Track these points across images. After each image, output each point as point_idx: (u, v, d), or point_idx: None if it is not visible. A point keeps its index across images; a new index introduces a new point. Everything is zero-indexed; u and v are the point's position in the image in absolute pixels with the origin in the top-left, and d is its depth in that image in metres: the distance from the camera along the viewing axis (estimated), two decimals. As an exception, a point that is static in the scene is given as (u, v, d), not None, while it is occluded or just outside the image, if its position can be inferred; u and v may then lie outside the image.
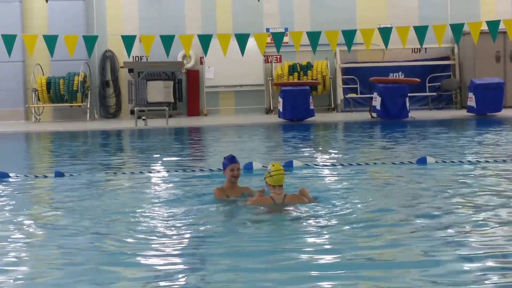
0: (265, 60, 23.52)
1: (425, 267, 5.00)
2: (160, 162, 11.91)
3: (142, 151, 14.16)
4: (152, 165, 11.54)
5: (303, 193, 7.36)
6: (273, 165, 7.14)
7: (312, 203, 7.20)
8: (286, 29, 22.52)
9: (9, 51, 12.59)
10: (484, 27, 13.07)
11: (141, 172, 10.36)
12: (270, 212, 6.94)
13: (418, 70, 23.11)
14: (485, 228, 6.16)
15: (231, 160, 7.64)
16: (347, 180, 9.21)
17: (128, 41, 12.98)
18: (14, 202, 8.17)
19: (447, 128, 17.12)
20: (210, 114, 23.54)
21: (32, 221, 7.04)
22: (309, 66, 23.18)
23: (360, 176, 9.58)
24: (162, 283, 4.87)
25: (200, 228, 6.51)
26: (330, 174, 9.87)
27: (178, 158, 12.59)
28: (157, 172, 10.56)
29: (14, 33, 14.30)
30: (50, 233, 6.51)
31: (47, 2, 9.60)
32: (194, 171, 10.36)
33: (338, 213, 6.92)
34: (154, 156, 12.97)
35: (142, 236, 6.22)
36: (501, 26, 12.83)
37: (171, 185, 9.26)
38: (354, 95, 23.11)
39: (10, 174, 10.11)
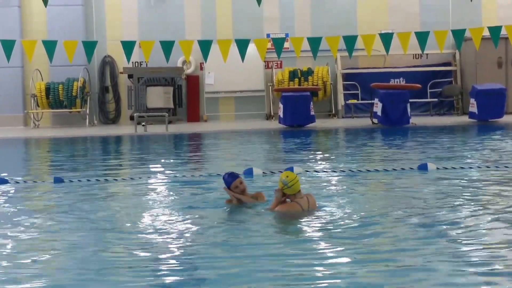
0: (265, 65, 23.46)
1: (426, 275, 4.93)
2: (159, 168, 11.84)
3: (141, 157, 14.09)
4: (151, 171, 11.47)
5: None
6: (287, 176, 7.08)
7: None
8: (286, 35, 22.47)
9: (8, 57, 12.53)
10: (486, 33, 13.02)
11: (141, 178, 10.28)
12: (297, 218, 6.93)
13: (419, 76, 23.05)
14: (489, 235, 6.10)
15: (232, 176, 7.57)
16: (347, 186, 9.15)
17: (128, 46, 12.92)
18: (13, 208, 8.11)
19: (449, 134, 17.05)
20: (210, 120, 23.47)
21: (31, 227, 6.99)
22: (309, 72, 23.12)
23: (361, 183, 9.51)
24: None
25: (203, 234, 6.44)
26: (330, 180, 9.80)
27: (178, 164, 12.52)
28: (157, 178, 10.49)
29: (13, 38, 14.24)
30: (49, 239, 6.46)
31: (46, 7, 9.51)
32: (193, 176, 10.29)
33: (339, 221, 6.85)
34: (154, 162, 12.90)
35: (143, 242, 6.16)
36: (503, 32, 12.77)
37: (171, 191, 9.20)
38: (355, 101, 23.05)
39: (9, 180, 10.05)
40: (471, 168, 10.50)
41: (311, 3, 23.72)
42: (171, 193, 9.05)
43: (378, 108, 19.67)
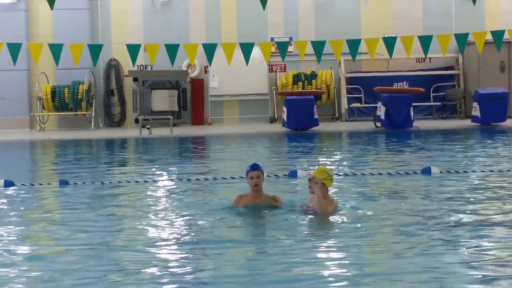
0: (269, 69, 23.55)
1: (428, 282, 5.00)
2: (164, 170, 11.90)
3: (146, 160, 14.16)
4: (156, 173, 11.53)
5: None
6: (331, 170, 7.49)
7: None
8: (290, 39, 22.55)
9: (14, 60, 12.62)
10: (489, 37, 13.08)
11: (146, 181, 10.35)
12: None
13: (423, 79, 23.11)
14: (493, 239, 6.14)
15: (252, 167, 7.47)
16: (350, 190, 9.18)
17: (133, 50, 13.00)
18: (19, 211, 8.18)
19: (452, 138, 17.10)
20: (215, 123, 23.55)
21: (36, 230, 7.05)
22: (313, 76, 23.20)
23: (364, 186, 9.55)
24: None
25: (207, 238, 6.50)
26: (334, 184, 9.83)
27: (183, 167, 12.58)
28: (161, 181, 10.55)
29: (19, 41, 14.32)
30: (54, 242, 6.51)
31: (52, 10, 9.61)
32: (198, 179, 10.35)
33: (343, 225, 6.90)
34: (159, 164, 12.97)
35: (147, 245, 6.19)
36: (506, 36, 12.83)
37: (176, 193, 9.25)
38: (358, 104, 23.12)
39: (15, 183, 10.11)
40: (474, 172, 10.54)
41: (315, 7, 23.81)
42: (175, 195, 9.10)
43: (381, 111, 19.74)
